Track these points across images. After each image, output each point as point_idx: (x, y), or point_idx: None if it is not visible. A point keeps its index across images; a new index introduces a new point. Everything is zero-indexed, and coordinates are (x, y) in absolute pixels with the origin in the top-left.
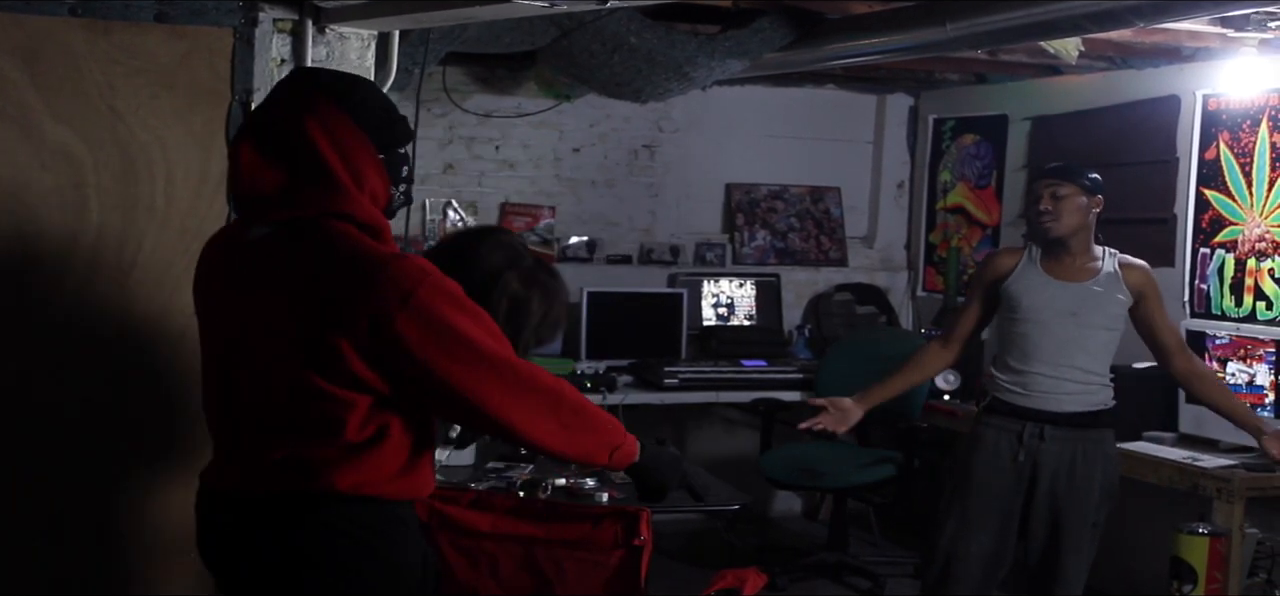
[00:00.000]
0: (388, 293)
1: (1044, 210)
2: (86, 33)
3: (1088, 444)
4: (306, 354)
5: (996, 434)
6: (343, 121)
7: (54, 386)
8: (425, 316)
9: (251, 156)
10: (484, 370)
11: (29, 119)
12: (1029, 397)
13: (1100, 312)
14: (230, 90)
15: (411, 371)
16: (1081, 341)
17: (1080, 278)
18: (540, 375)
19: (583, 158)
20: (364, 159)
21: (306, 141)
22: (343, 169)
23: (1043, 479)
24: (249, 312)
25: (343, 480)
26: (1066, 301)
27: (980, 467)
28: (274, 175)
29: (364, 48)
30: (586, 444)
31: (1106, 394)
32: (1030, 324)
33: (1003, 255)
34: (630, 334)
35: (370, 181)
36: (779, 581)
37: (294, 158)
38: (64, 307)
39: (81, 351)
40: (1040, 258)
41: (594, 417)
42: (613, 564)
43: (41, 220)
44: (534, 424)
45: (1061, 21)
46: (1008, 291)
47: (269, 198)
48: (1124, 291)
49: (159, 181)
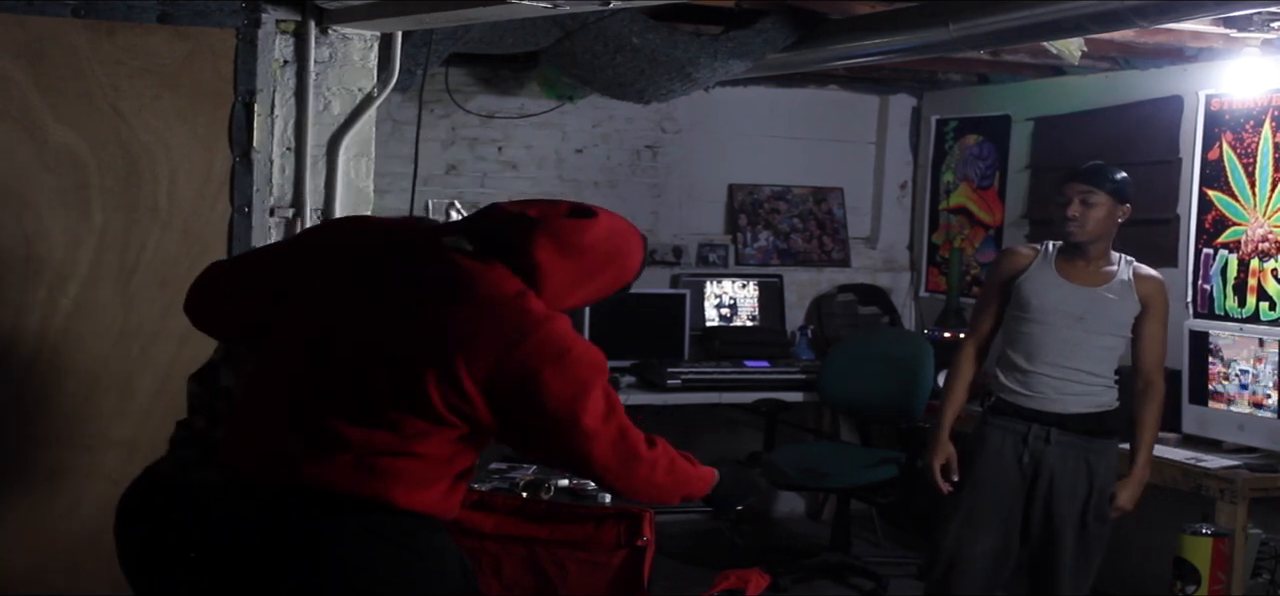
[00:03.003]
0: (542, 350)
1: (1072, 216)
2: (89, 34)
3: (1093, 454)
4: (441, 370)
5: (1001, 435)
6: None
7: (55, 387)
8: (569, 380)
9: (554, 256)
10: (605, 440)
11: (32, 120)
12: (1033, 398)
13: (1108, 319)
14: (233, 91)
15: (537, 423)
16: (1086, 346)
17: (1094, 282)
18: (641, 444)
19: (585, 158)
20: (580, 298)
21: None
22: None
23: (1042, 480)
24: (399, 310)
25: (405, 494)
26: (1076, 305)
27: (984, 468)
28: (571, 269)
29: (366, 49)
30: (667, 497)
31: (1111, 395)
32: (1037, 324)
33: (1017, 253)
34: (633, 334)
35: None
36: (782, 582)
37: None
38: (67, 308)
39: (84, 354)
40: (1055, 258)
41: (681, 475)
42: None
43: (45, 221)
44: (629, 484)
45: (1064, 22)
46: (1019, 289)
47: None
48: (1135, 301)
49: (162, 182)
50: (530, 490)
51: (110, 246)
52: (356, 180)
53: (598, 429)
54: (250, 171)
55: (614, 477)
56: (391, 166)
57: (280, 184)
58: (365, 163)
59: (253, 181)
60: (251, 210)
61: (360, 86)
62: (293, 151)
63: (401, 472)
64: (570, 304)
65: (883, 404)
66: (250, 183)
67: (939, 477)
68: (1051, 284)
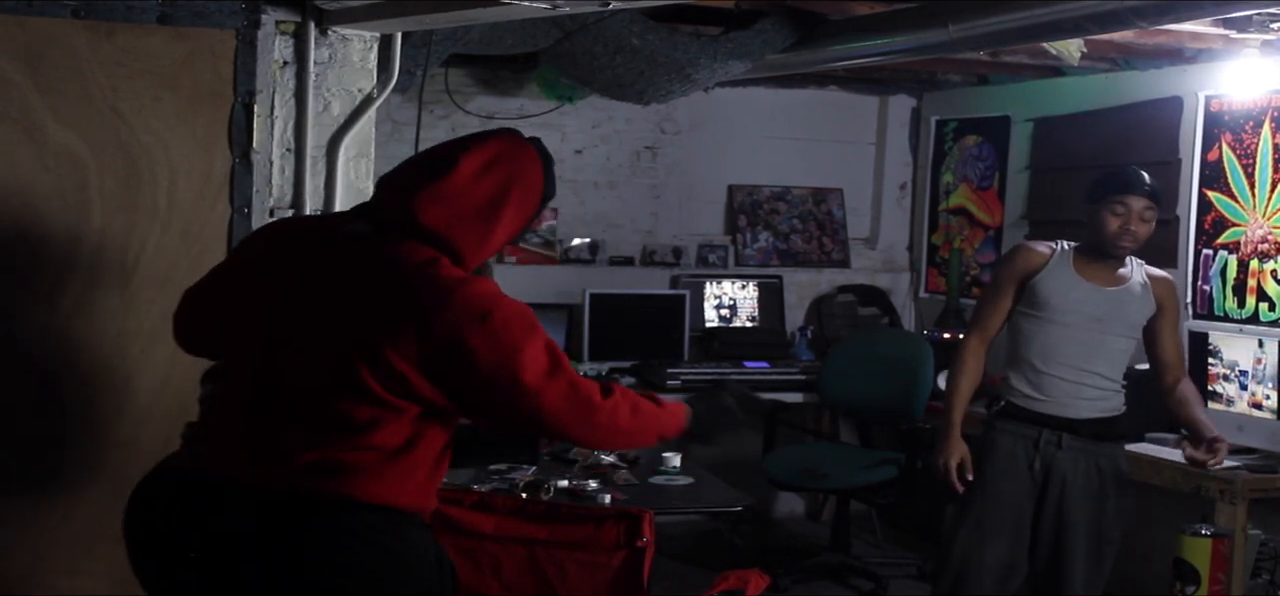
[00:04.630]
0: (463, 315)
1: (1132, 229)
2: (89, 35)
3: (1103, 459)
4: (369, 356)
5: (1012, 440)
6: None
7: (55, 387)
8: (497, 341)
9: (470, 168)
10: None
11: (32, 121)
12: (1046, 403)
13: (1125, 321)
14: (233, 92)
15: (478, 386)
16: (1103, 347)
17: (1112, 283)
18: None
19: (585, 159)
20: (504, 233)
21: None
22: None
23: (1053, 485)
24: (322, 305)
25: (368, 488)
26: (1096, 306)
27: (994, 475)
28: (480, 191)
29: (366, 50)
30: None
31: (1119, 399)
32: (1055, 325)
33: (1034, 250)
34: (632, 335)
35: (492, 243)
36: (781, 582)
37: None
38: (67, 309)
39: (84, 353)
40: (1072, 257)
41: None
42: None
43: (44, 222)
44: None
45: (1064, 23)
46: (1036, 288)
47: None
48: (1151, 302)
49: (162, 183)
50: (530, 491)
51: (110, 247)
52: (356, 181)
53: (541, 385)
54: (250, 172)
55: (574, 430)
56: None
57: (280, 185)
58: (365, 163)
59: (252, 182)
60: (251, 211)
61: (360, 87)
62: (292, 152)
63: (361, 466)
64: (491, 250)
65: (882, 405)
66: (250, 183)
67: (955, 477)
68: (1071, 284)
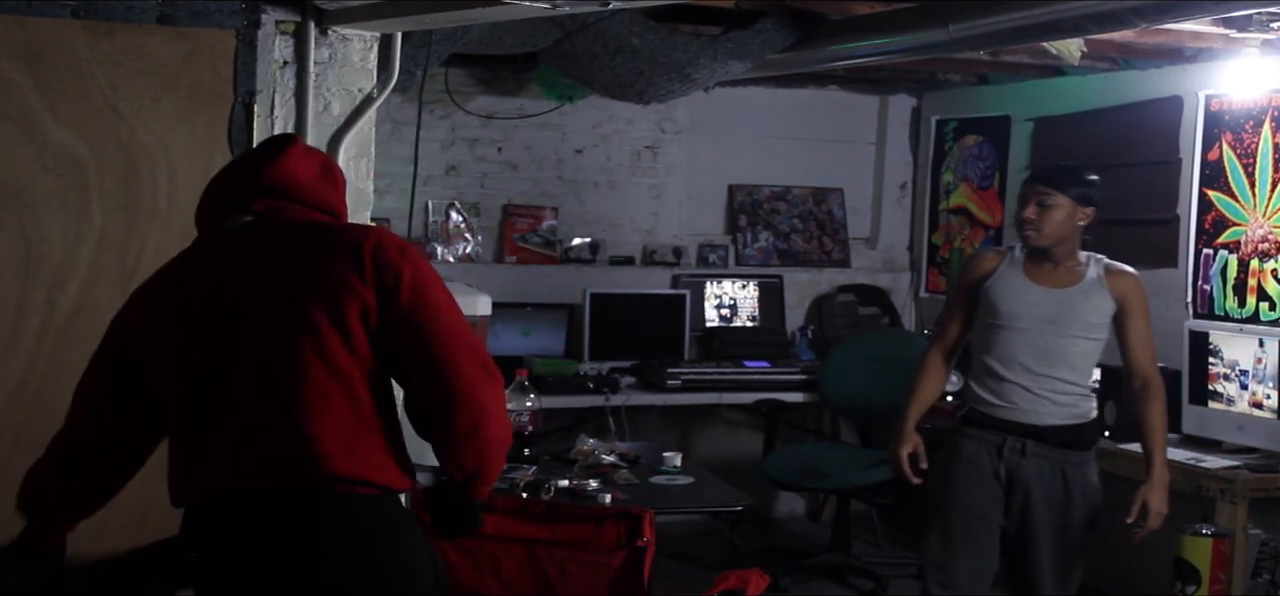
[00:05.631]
0: (388, 243)
1: (1028, 218)
2: (89, 35)
3: (1070, 467)
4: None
5: (976, 446)
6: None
7: (56, 388)
8: (419, 268)
9: (300, 146)
10: (463, 330)
11: (31, 121)
12: (1009, 409)
13: (1081, 321)
14: (232, 92)
15: (397, 319)
16: (1061, 350)
17: (1063, 284)
18: (490, 362)
19: (585, 159)
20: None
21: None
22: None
23: (1017, 493)
24: (245, 307)
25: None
26: (1047, 308)
27: (959, 481)
28: (311, 167)
29: (366, 50)
30: (502, 465)
31: (1088, 405)
32: (1009, 330)
33: (984, 256)
34: (633, 335)
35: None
36: (782, 582)
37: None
38: (67, 309)
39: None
40: (1022, 261)
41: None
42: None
43: (44, 222)
44: (489, 396)
45: (1064, 22)
46: (988, 294)
47: (301, 187)
48: (1108, 299)
49: (161, 184)
50: (530, 490)
51: (110, 247)
52: (356, 181)
53: (456, 324)
54: None
55: (476, 387)
56: (391, 167)
57: None
58: (365, 163)
59: None
60: None
61: (360, 87)
62: None
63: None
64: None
65: (883, 405)
66: None
67: (907, 467)
68: (1019, 288)
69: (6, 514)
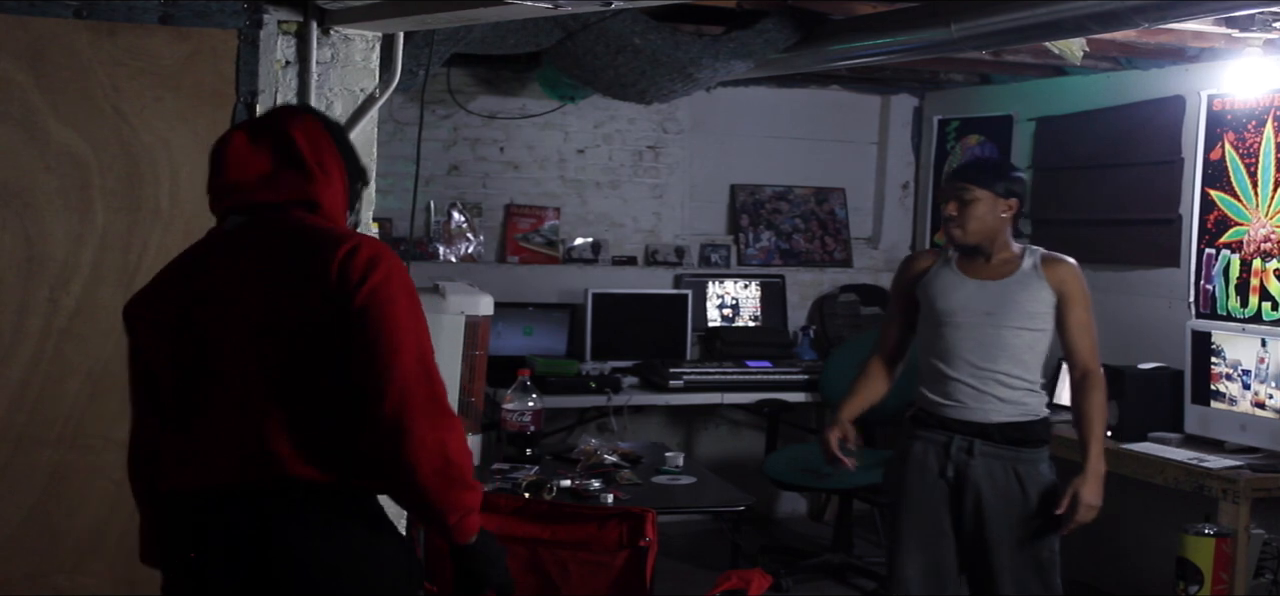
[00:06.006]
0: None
1: (949, 215)
2: (91, 34)
3: (1022, 465)
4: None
5: (923, 446)
6: (324, 138)
7: (58, 387)
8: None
9: (242, 141)
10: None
11: (34, 121)
12: (955, 407)
13: (1019, 312)
14: (235, 92)
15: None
16: (1003, 343)
17: (997, 275)
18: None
19: (587, 159)
20: (334, 168)
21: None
22: (316, 166)
23: (968, 495)
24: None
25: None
26: (983, 301)
27: (910, 484)
28: (259, 161)
29: (368, 49)
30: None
31: (1037, 401)
32: (948, 326)
33: (918, 257)
34: (635, 335)
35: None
36: (784, 582)
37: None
38: (69, 309)
39: (86, 355)
40: (956, 258)
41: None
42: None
43: (46, 222)
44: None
45: (1066, 22)
46: (924, 293)
47: (251, 182)
48: (1046, 288)
49: (163, 183)
50: (532, 490)
51: (112, 247)
52: None
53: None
54: None
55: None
56: (393, 167)
57: None
58: (367, 163)
59: None
60: None
61: (362, 87)
62: None
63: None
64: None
65: (885, 404)
66: None
67: (835, 448)
68: (954, 284)
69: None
